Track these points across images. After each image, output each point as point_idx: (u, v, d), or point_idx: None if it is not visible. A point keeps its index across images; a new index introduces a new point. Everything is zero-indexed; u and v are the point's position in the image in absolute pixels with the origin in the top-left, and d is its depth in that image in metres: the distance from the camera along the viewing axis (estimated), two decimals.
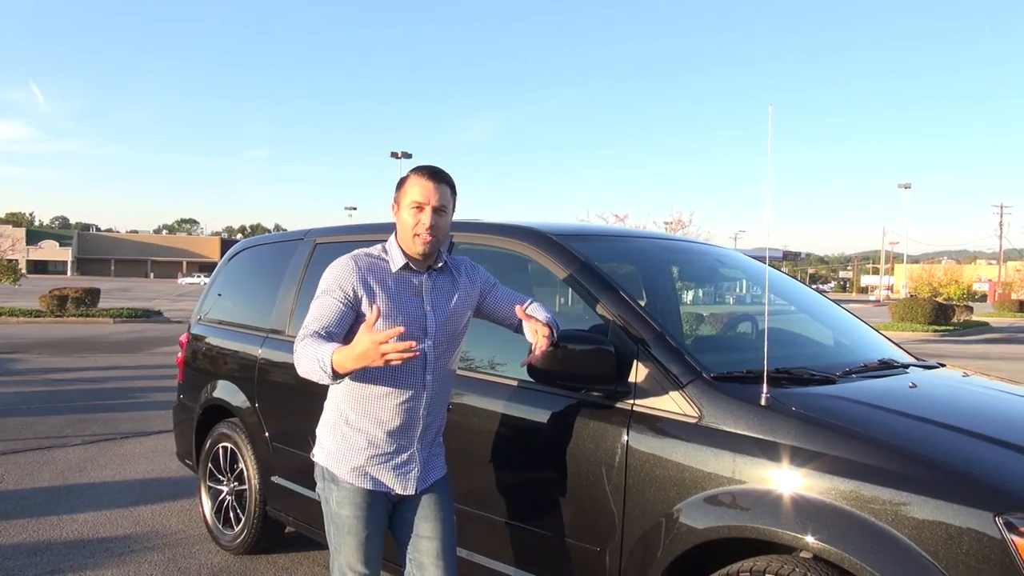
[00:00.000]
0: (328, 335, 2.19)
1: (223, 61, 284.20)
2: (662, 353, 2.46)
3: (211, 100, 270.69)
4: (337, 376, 2.09)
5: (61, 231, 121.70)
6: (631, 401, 2.47)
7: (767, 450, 2.16)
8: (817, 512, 2.02)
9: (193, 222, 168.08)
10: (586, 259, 2.81)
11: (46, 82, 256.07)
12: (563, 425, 2.59)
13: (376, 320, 2.07)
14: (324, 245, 3.98)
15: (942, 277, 41.80)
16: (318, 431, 2.46)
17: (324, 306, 2.26)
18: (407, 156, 44.03)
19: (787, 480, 2.10)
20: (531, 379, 2.53)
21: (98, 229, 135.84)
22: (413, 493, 2.37)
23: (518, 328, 2.46)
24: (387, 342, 1.96)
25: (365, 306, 2.27)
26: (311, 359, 2.10)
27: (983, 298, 63.04)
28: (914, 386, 2.67)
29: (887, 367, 2.90)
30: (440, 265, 2.40)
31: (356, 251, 2.37)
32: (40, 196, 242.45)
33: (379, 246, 2.40)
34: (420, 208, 2.29)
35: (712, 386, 2.36)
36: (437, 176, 2.33)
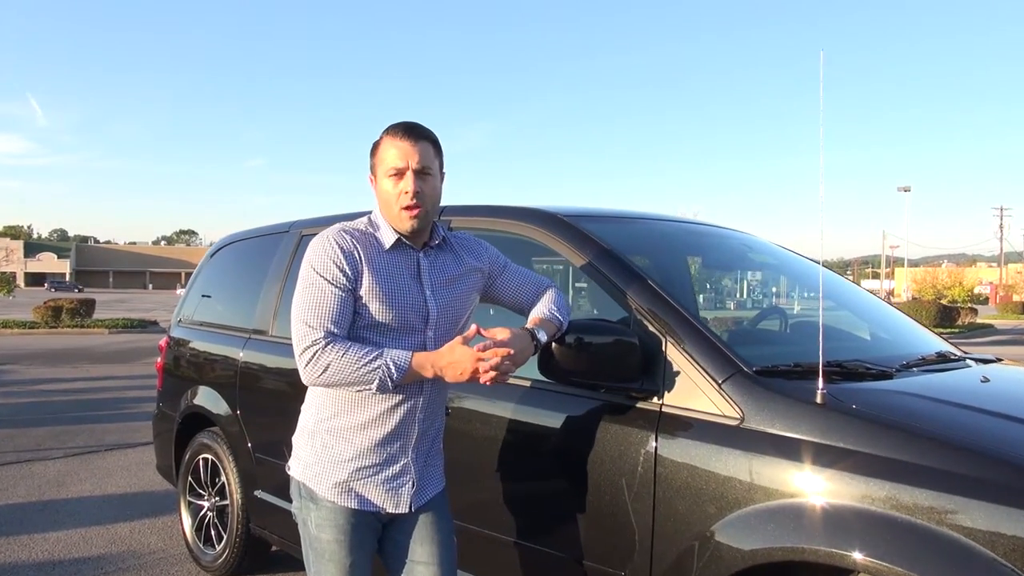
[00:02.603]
0: (345, 333, 1.91)
1: (219, 72, 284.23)
2: (694, 345, 2.12)
3: (208, 111, 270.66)
4: (397, 384, 1.89)
5: (59, 243, 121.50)
6: (659, 401, 2.13)
7: (826, 456, 1.82)
8: (887, 530, 1.67)
9: (192, 233, 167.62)
10: (602, 241, 2.47)
11: (45, 96, 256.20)
12: (579, 430, 2.25)
13: (474, 334, 1.86)
14: (311, 237, 3.64)
15: (946, 279, 41.49)
16: (294, 440, 2.11)
17: (326, 298, 1.90)
18: None
19: (853, 492, 1.75)
20: (543, 377, 2.19)
21: (96, 241, 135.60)
22: (407, 512, 2.02)
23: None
24: (488, 357, 1.80)
25: (361, 289, 1.93)
26: (361, 368, 1.85)
27: (985, 300, 62.66)
28: (986, 380, 2.32)
29: (945, 360, 2.56)
30: (438, 241, 2.06)
31: (337, 226, 2.01)
32: (39, 209, 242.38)
33: (363, 219, 2.05)
34: (400, 174, 1.93)
35: (755, 382, 2.01)
36: (414, 132, 1.95)
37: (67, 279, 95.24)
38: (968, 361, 2.66)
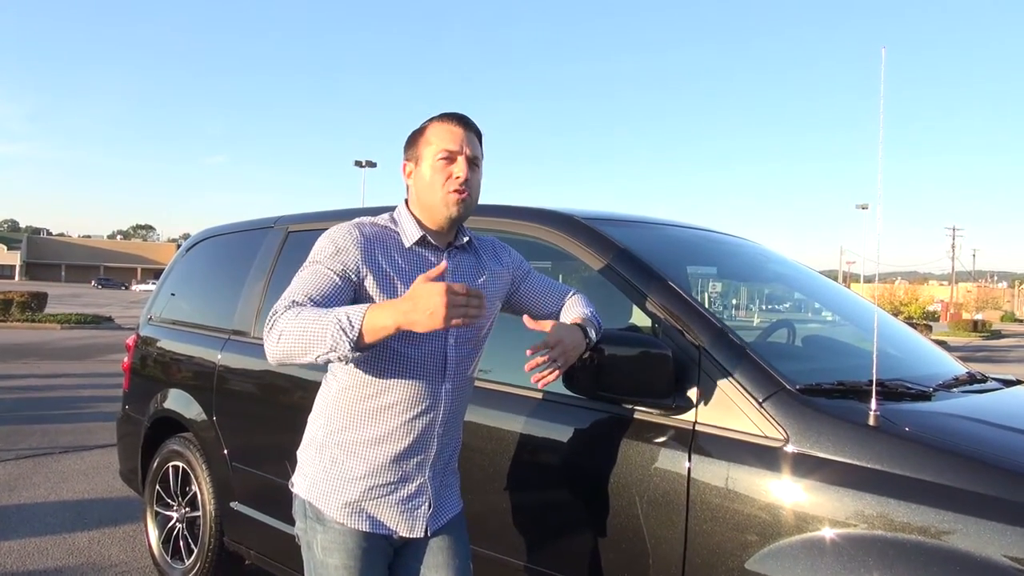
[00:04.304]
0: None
1: (180, 66, 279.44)
2: (731, 359, 1.98)
3: (168, 105, 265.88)
4: (358, 347, 1.56)
5: (10, 234, 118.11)
6: (691, 419, 1.99)
7: (883, 484, 1.69)
8: (958, 568, 1.55)
9: (149, 228, 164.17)
10: (625, 246, 2.33)
11: None
12: (602, 447, 2.10)
13: (439, 272, 1.56)
14: (298, 233, 3.45)
15: (903, 296, 42.41)
16: (299, 454, 1.92)
17: (314, 277, 1.71)
18: (371, 165, 43.14)
19: (914, 524, 1.62)
20: (566, 391, 2.03)
21: (49, 233, 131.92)
22: (422, 535, 1.85)
23: None
24: (460, 295, 1.49)
25: (370, 288, 1.75)
26: (313, 324, 1.56)
27: (937, 318, 64.31)
28: None
29: (976, 381, 2.47)
30: (465, 241, 1.90)
31: (356, 219, 1.84)
32: None
33: (386, 215, 1.88)
34: (451, 159, 1.79)
35: (800, 401, 1.88)
36: (466, 122, 1.84)
37: (16, 272, 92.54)
38: (993, 382, 2.57)
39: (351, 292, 1.74)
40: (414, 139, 1.86)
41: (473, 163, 1.81)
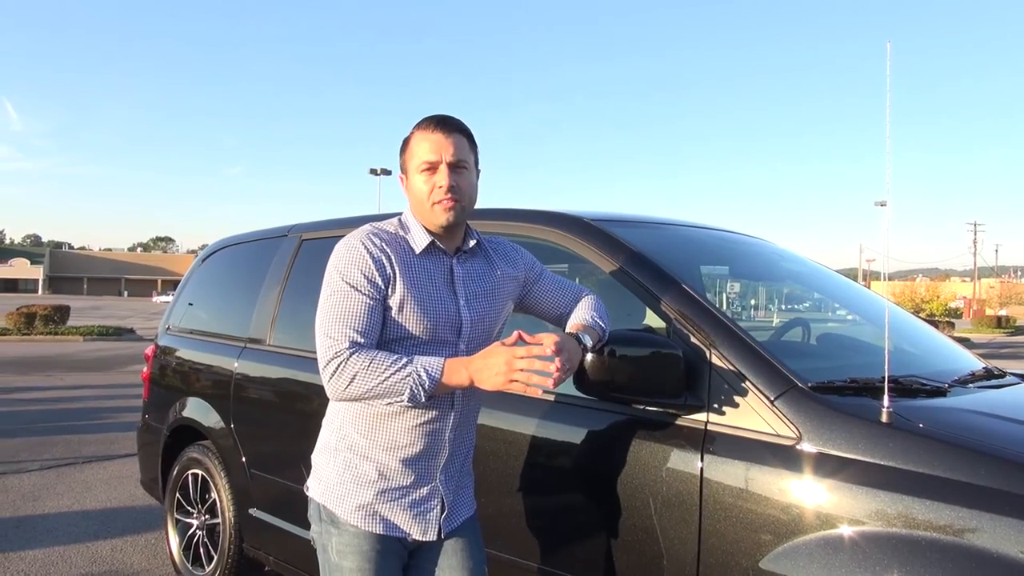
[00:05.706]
0: (373, 344, 1.75)
1: (197, 79, 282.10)
2: (742, 358, 1.98)
3: (186, 118, 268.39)
4: (430, 393, 1.72)
5: (33, 249, 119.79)
6: (703, 419, 1.98)
7: (895, 481, 1.68)
8: (973, 565, 1.54)
9: (169, 240, 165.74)
10: (635, 247, 2.33)
11: (20, 100, 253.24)
12: (614, 448, 2.10)
13: (515, 340, 1.70)
14: (311, 241, 3.48)
15: (924, 293, 41.98)
16: (314, 458, 1.94)
17: (353, 306, 1.74)
18: (386, 173, 43.32)
19: (930, 521, 1.61)
20: (577, 392, 2.03)
21: (71, 247, 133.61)
22: (435, 538, 1.86)
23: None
24: (525, 358, 1.64)
25: (392, 300, 1.77)
26: (391, 377, 1.68)
27: (959, 315, 63.51)
28: None
29: (993, 376, 2.44)
30: (472, 244, 1.91)
31: (366, 228, 1.85)
32: (12, 214, 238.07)
33: (393, 220, 1.89)
34: (433, 168, 1.79)
35: (812, 399, 1.87)
36: (446, 125, 1.81)
37: (39, 285, 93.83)
38: (1010, 377, 2.54)
39: (382, 309, 1.77)
40: (402, 151, 1.87)
41: (457, 167, 1.80)
